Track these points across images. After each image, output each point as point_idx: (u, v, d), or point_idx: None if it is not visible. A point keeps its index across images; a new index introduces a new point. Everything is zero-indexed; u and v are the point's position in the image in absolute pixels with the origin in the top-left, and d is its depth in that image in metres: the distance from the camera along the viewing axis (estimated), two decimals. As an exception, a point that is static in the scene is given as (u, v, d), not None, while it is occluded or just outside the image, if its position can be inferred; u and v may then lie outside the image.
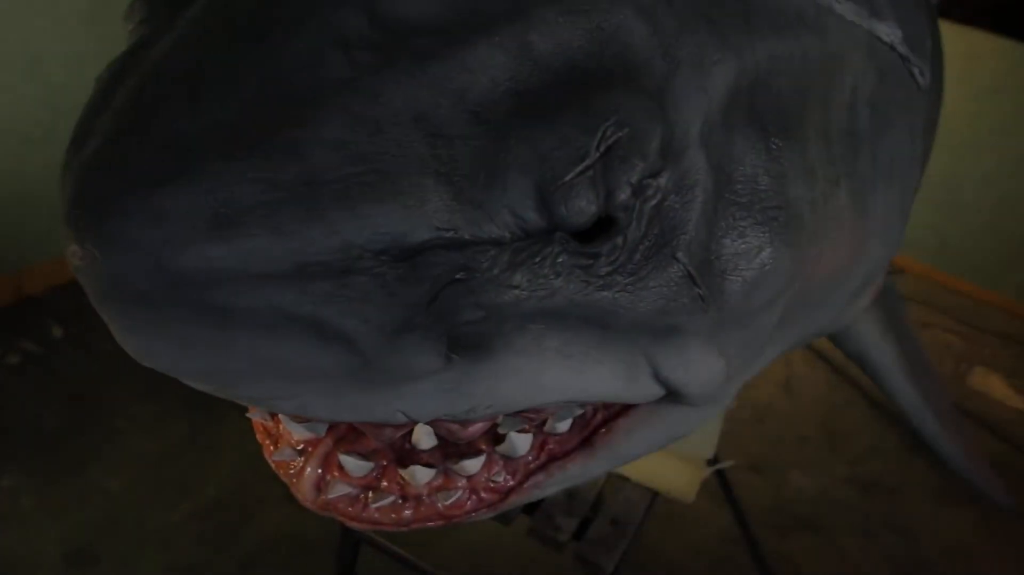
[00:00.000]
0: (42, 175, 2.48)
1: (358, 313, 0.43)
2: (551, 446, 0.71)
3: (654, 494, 1.17)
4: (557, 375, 0.53)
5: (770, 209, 0.59)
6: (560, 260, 0.48)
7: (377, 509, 0.67)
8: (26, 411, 2.09)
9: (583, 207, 0.45)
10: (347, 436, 0.69)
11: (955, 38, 4.33)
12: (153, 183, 0.39)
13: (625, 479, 1.18)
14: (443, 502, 0.68)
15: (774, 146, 0.60)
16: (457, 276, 0.45)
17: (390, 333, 0.44)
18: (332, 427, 0.69)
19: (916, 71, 0.95)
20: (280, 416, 0.68)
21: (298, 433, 0.67)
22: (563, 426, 0.69)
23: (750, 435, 2.86)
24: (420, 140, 0.43)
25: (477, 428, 0.60)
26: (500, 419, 0.65)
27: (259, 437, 0.72)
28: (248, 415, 0.71)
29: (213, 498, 1.96)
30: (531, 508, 1.09)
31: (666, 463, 1.15)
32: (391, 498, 0.67)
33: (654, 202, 0.51)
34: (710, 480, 2.48)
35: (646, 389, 0.61)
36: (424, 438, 0.66)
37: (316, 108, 0.42)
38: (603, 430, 0.71)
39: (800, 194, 0.63)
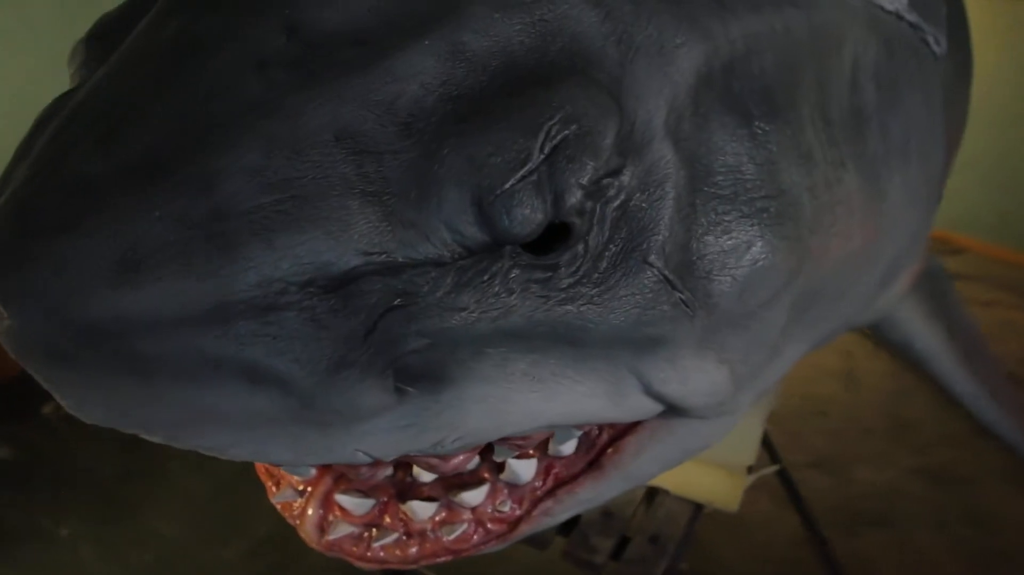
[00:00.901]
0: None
1: (287, 352, 0.40)
2: (557, 470, 0.68)
3: (696, 507, 1.12)
4: (529, 400, 0.49)
5: (759, 200, 0.55)
6: (513, 275, 0.44)
7: (382, 547, 0.64)
8: (81, 461, 2.15)
9: (527, 215, 0.41)
10: (346, 474, 0.65)
11: (999, 8, 4.18)
12: (55, 231, 0.37)
13: (665, 493, 1.13)
14: (448, 536, 0.65)
15: (760, 131, 0.56)
16: (395, 303, 0.41)
17: (326, 371, 0.41)
18: (327, 466, 0.67)
19: (930, 39, 0.89)
20: None
21: (298, 474, 0.64)
22: (567, 448, 0.66)
23: (811, 431, 2.76)
24: (344, 159, 0.40)
25: (460, 461, 0.58)
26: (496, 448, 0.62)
27: (262, 478, 0.69)
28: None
29: (264, 535, 1.97)
30: (566, 529, 1.05)
31: (705, 473, 1.10)
32: (395, 535, 0.65)
33: (617, 203, 0.47)
34: (771, 481, 2.43)
35: (639, 406, 0.57)
36: (425, 471, 0.64)
37: (229, 135, 0.39)
38: (610, 450, 0.67)
39: (795, 180, 0.58)
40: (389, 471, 0.65)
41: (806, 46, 0.63)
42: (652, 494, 1.13)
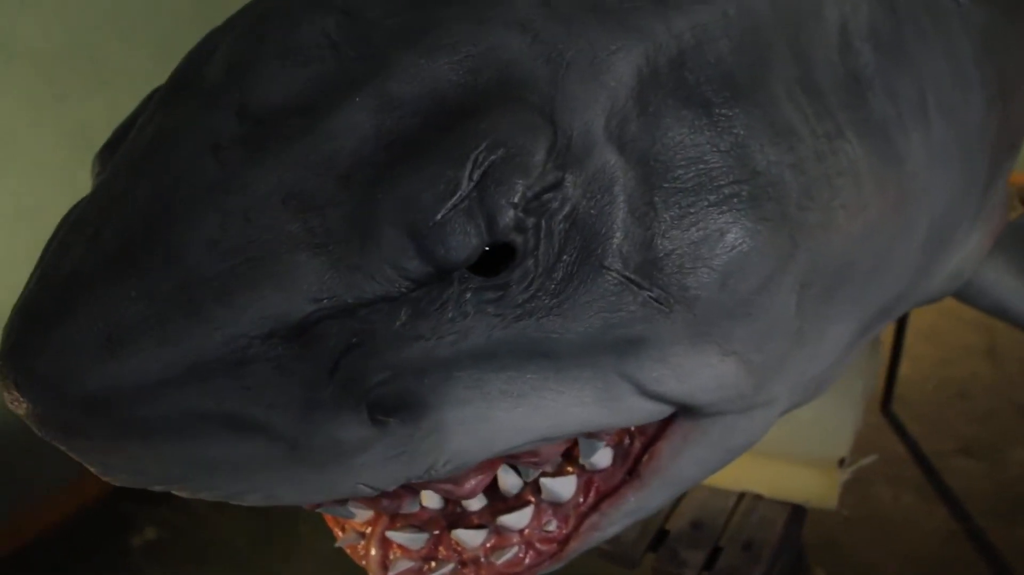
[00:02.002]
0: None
1: (261, 400, 0.43)
2: (598, 484, 0.67)
3: (794, 509, 1.06)
4: (513, 417, 0.50)
5: (727, 186, 0.53)
6: (466, 299, 0.46)
7: None
8: (217, 533, 2.27)
9: (462, 241, 0.43)
10: (400, 513, 0.68)
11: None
12: (52, 324, 0.42)
13: (758, 497, 1.09)
14: (499, 560, 0.66)
15: (722, 117, 0.55)
16: (352, 341, 0.44)
17: (300, 412, 0.44)
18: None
19: None
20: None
21: (357, 517, 0.67)
22: (602, 461, 0.65)
23: (955, 415, 2.56)
24: (290, 219, 0.44)
25: (473, 485, 0.58)
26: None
27: (329, 523, 0.73)
28: (316, 510, 0.74)
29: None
30: (655, 545, 1.03)
31: (795, 471, 1.04)
32: (451, 566, 0.67)
33: (563, 214, 0.48)
34: (914, 474, 2.27)
35: (640, 408, 0.56)
36: (473, 500, 0.65)
37: (190, 213, 0.44)
38: (646, 457, 0.66)
39: (773, 159, 0.56)
40: (440, 504, 0.67)
41: (770, 23, 0.60)
42: (744, 501, 1.09)
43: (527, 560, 0.67)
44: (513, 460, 0.59)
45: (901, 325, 2.53)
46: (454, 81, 0.47)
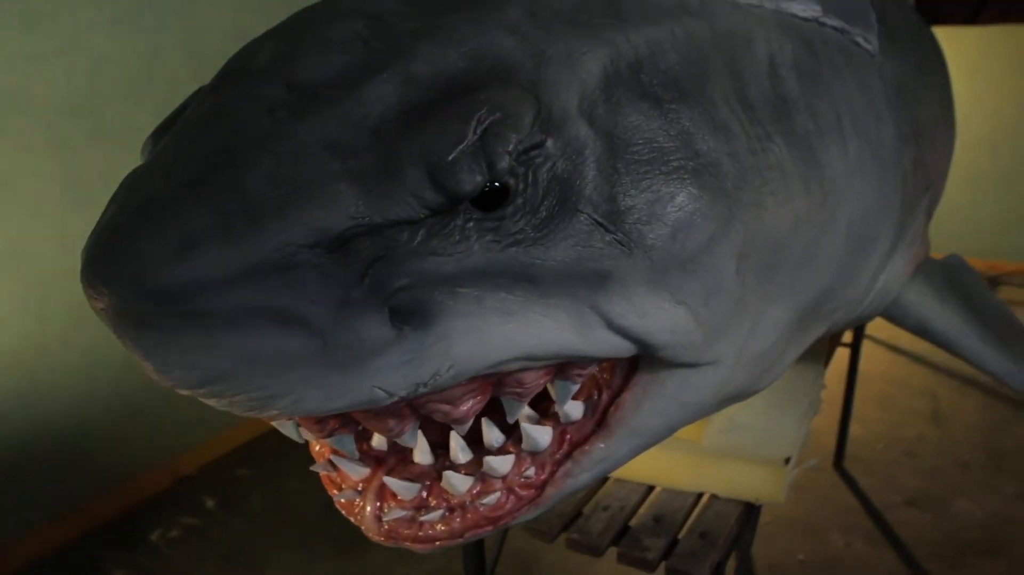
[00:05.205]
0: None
1: (305, 296, 0.53)
2: (570, 435, 0.77)
3: (746, 506, 1.16)
4: (504, 332, 0.60)
5: (676, 161, 0.67)
6: (469, 226, 0.58)
7: (430, 525, 0.74)
8: (190, 576, 2.28)
9: (468, 177, 0.55)
10: (396, 467, 0.77)
11: (1000, 39, 4.32)
12: (132, 233, 0.53)
13: (713, 497, 1.18)
14: (484, 501, 0.74)
15: (670, 111, 0.69)
16: (380, 254, 0.55)
17: (335, 309, 0.53)
18: (382, 463, 0.78)
19: (860, 39, 1.02)
20: (338, 461, 0.77)
21: (355, 474, 0.77)
22: (575, 412, 0.75)
23: (903, 472, 2.69)
24: (332, 160, 0.55)
25: (468, 406, 0.67)
26: (513, 415, 0.71)
27: (328, 489, 0.81)
28: (313, 468, 0.82)
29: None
30: (619, 536, 1.11)
31: (747, 469, 1.14)
32: (440, 512, 0.74)
33: (546, 168, 0.61)
34: (865, 523, 2.37)
35: (606, 340, 0.66)
36: (460, 453, 0.75)
37: (250, 155, 0.55)
38: (612, 408, 0.77)
39: (712, 146, 0.70)
40: (430, 459, 0.76)
41: (711, 46, 0.76)
42: (702, 500, 1.19)
43: (508, 505, 0.75)
44: (500, 389, 0.69)
45: (850, 387, 2.68)
46: (461, 67, 0.61)
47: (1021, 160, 4.63)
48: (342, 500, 0.78)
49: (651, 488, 1.24)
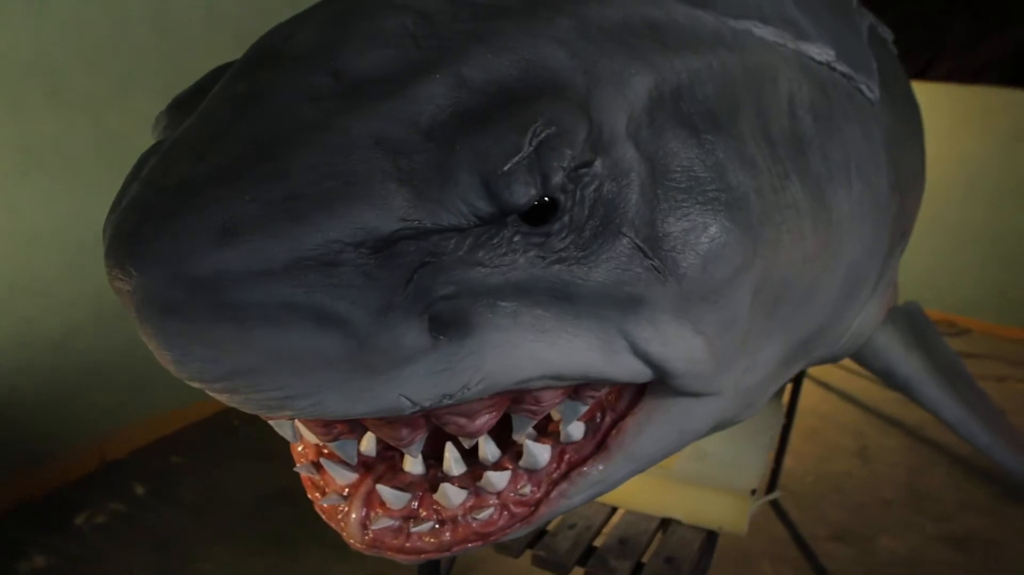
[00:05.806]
0: (120, 349, 2.69)
1: (346, 297, 0.51)
2: (569, 455, 0.77)
3: (708, 534, 1.18)
4: (535, 348, 0.60)
5: (710, 191, 0.68)
6: (516, 240, 0.57)
7: (419, 536, 0.73)
8: (116, 565, 2.19)
9: (522, 190, 0.54)
10: (385, 474, 0.75)
11: (969, 96, 4.48)
12: (168, 213, 0.50)
13: (678, 522, 1.20)
14: (477, 517, 0.73)
15: (707, 141, 0.70)
16: (427, 260, 0.54)
17: (376, 313, 0.52)
18: (370, 469, 0.76)
19: (863, 87, 1.06)
20: (324, 463, 0.75)
21: (341, 478, 0.74)
22: (576, 432, 0.75)
23: (829, 506, 2.78)
24: (383, 157, 0.54)
25: (484, 421, 0.66)
26: (519, 434, 0.71)
27: (308, 492, 0.79)
28: (295, 469, 0.79)
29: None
30: (585, 557, 1.12)
31: (713, 499, 1.17)
32: (430, 524, 0.73)
33: (593, 187, 0.61)
34: (794, 554, 2.43)
35: (629, 365, 0.67)
36: (454, 465, 0.73)
37: (296, 143, 0.53)
38: (614, 431, 0.77)
39: (741, 180, 0.71)
40: (422, 470, 0.74)
41: (741, 80, 0.78)
42: (666, 525, 1.21)
43: (501, 521, 0.74)
44: (517, 406, 0.68)
45: (789, 421, 2.75)
46: (513, 76, 0.60)
47: (936, 211, 4.81)
48: (324, 505, 0.76)
49: (614, 509, 1.26)
